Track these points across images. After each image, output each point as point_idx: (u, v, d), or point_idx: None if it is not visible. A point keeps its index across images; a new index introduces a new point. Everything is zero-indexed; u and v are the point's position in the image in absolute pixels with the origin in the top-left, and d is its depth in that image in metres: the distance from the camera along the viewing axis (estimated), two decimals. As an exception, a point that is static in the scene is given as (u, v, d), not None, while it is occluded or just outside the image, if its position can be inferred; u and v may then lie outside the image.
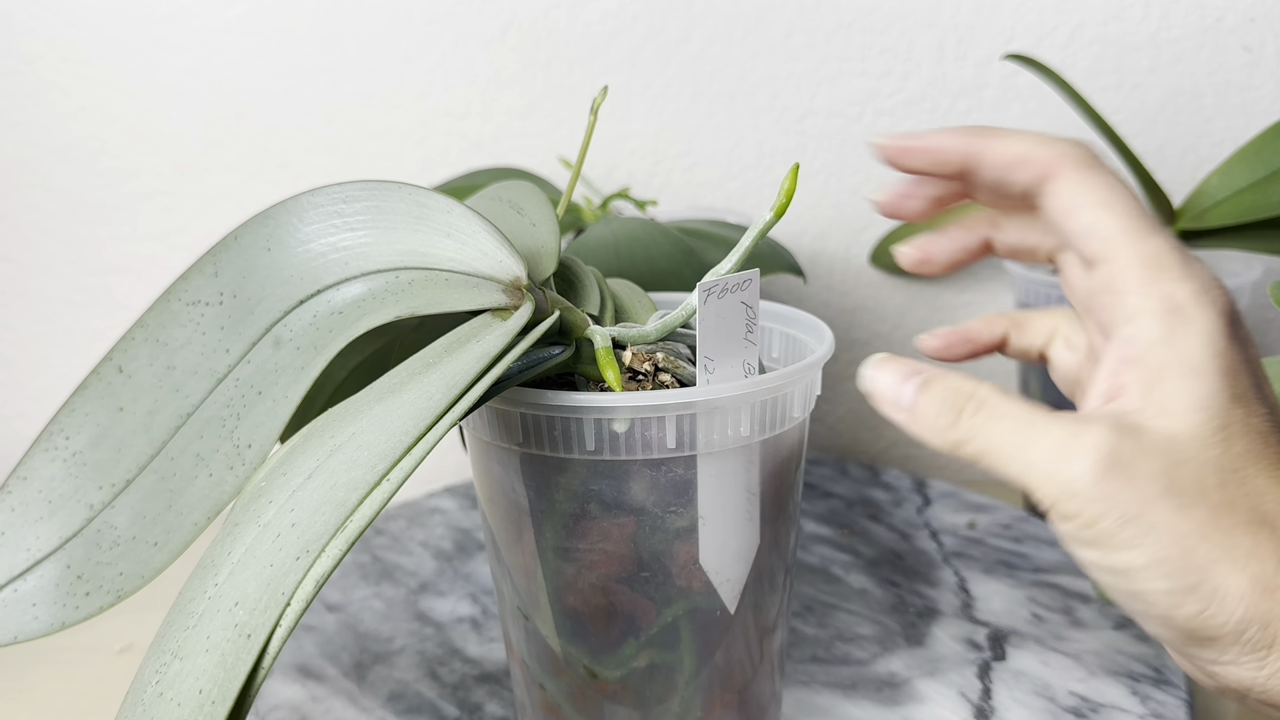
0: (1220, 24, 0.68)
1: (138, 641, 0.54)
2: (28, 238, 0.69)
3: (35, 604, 0.35)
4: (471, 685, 0.49)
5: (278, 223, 0.36)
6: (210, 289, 0.36)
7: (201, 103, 0.67)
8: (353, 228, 0.35)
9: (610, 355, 0.33)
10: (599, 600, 0.35)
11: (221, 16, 0.66)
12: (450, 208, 0.34)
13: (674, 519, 0.34)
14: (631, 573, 0.34)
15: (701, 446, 0.33)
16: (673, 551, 0.34)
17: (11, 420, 0.72)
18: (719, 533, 0.34)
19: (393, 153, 0.69)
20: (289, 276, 0.35)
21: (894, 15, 0.68)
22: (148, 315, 0.36)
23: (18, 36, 0.66)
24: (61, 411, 0.35)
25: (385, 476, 0.29)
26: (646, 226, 0.52)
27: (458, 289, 0.33)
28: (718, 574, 0.35)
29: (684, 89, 0.69)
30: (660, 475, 0.33)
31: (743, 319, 0.33)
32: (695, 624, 0.35)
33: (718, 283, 0.32)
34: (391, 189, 0.35)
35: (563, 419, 0.33)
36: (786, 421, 0.35)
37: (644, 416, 0.32)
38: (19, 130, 0.67)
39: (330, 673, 0.50)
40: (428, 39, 0.67)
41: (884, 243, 0.71)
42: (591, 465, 0.33)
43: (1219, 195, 0.58)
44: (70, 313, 0.71)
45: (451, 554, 0.61)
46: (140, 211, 0.69)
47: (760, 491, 0.35)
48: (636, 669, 0.36)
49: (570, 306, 0.35)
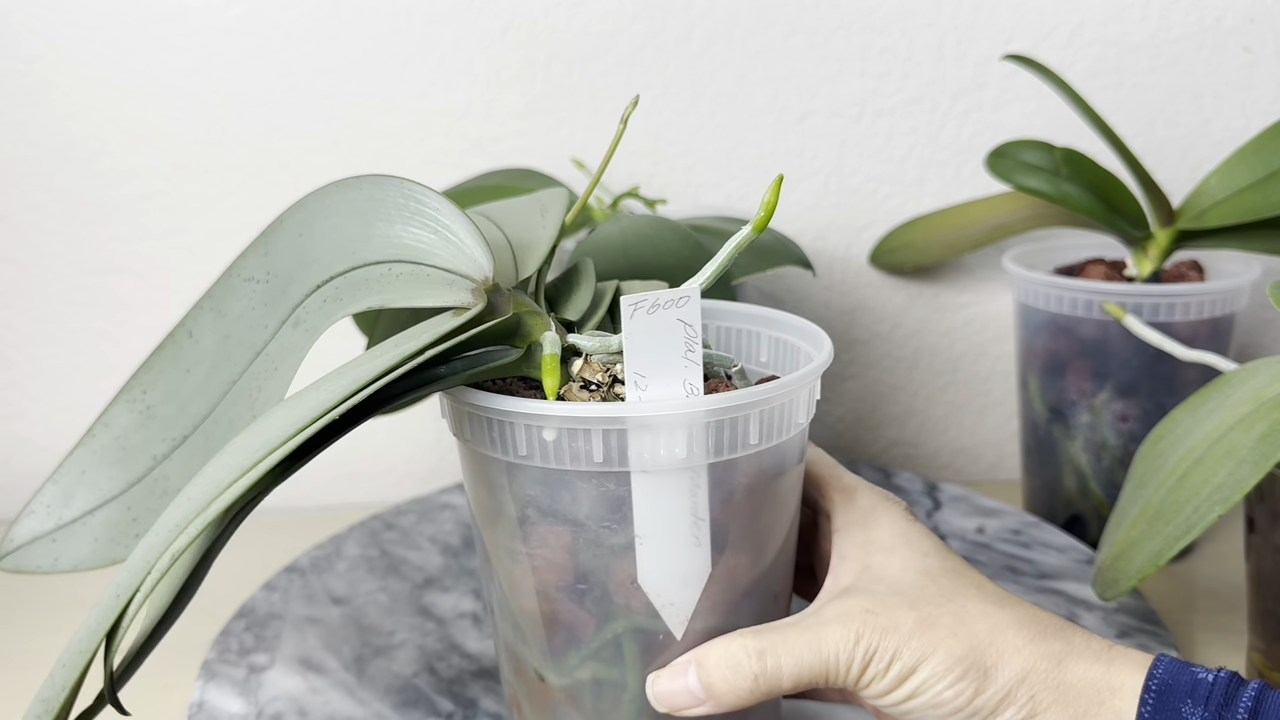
0: (1220, 24, 0.68)
1: (138, 641, 0.54)
2: (28, 238, 0.69)
3: (96, 539, 0.39)
4: (468, 680, 0.49)
5: (308, 210, 0.38)
6: (261, 267, 0.39)
7: (201, 103, 0.67)
8: (359, 219, 0.37)
9: (554, 362, 0.33)
10: (544, 606, 0.35)
11: (221, 16, 0.66)
12: (439, 205, 0.35)
13: (609, 535, 0.33)
14: (570, 583, 0.34)
15: (634, 464, 0.32)
16: (610, 567, 0.33)
17: (11, 420, 0.72)
18: (659, 554, 0.33)
19: (393, 153, 0.69)
20: (311, 261, 0.37)
21: (894, 15, 0.68)
22: (215, 287, 0.40)
23: (18, 36, 0.66)
24: (142, 368, 0.40)
25: (257, 464, 0.30)
26: (655, 224, 0.52)
27: (434, 285, 0.34)
28: (659, 596, 0.34)
29: (684, 89, 0.69)
30: (592, 488, 0.33)
31: (680, 337, 0.32)
32: (638, 644, 0.35)
33: (646, 298, 0.31)
34: (392, 183, 0.36)
35: (498, 421, 0.33)
36: (744, 446, 0.33)
37: (570, 428, 0.32)
38: (19, 130, 0.67)
39: (331, 665, 0.50)
40: (428, 39, 0.67)
41: (884, 243, 0.71)
42: (526, 470, 0.33)
43: (1218, 195, 0.58)
44: (71, 313, 0.71)
45: (459, 549, 0.61)
46: (140, 211, 0.69)
47: (718, 518, 0.33)
48: (581, 680, 0.36)
49: (536, 310, 0.35)
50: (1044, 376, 0.61)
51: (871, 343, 0.75)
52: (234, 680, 0.49)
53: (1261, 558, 0.45)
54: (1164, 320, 0.56)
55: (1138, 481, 0.47)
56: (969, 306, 0.74)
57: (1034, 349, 0.62)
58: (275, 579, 0.59)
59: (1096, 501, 0.61)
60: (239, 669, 0.50)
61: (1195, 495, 0.42)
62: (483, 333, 0.33)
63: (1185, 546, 0.40)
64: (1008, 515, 0.62)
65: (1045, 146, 0.60)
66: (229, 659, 0.51)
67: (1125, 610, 0.51)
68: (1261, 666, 0.46)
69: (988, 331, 0.74)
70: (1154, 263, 0.60)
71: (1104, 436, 0.59)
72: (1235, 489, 0.40)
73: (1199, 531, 0.41)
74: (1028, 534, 0.60)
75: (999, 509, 0.63)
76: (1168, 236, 0.60)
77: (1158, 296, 0.56)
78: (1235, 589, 0.56)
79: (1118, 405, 0.59)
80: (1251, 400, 0.44)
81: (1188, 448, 0.45)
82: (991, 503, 0.64)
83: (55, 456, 0.73)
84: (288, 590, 0.57)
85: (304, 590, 0.57)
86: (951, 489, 0.66)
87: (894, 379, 0.75)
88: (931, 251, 0.68)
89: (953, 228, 0.68)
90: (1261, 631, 0.46)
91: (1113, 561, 0.44)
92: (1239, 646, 0.51)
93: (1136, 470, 0.47)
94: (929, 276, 0.73)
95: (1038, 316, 0.61)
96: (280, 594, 0.57)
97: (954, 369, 0.75)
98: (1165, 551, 0.41)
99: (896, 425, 0.76)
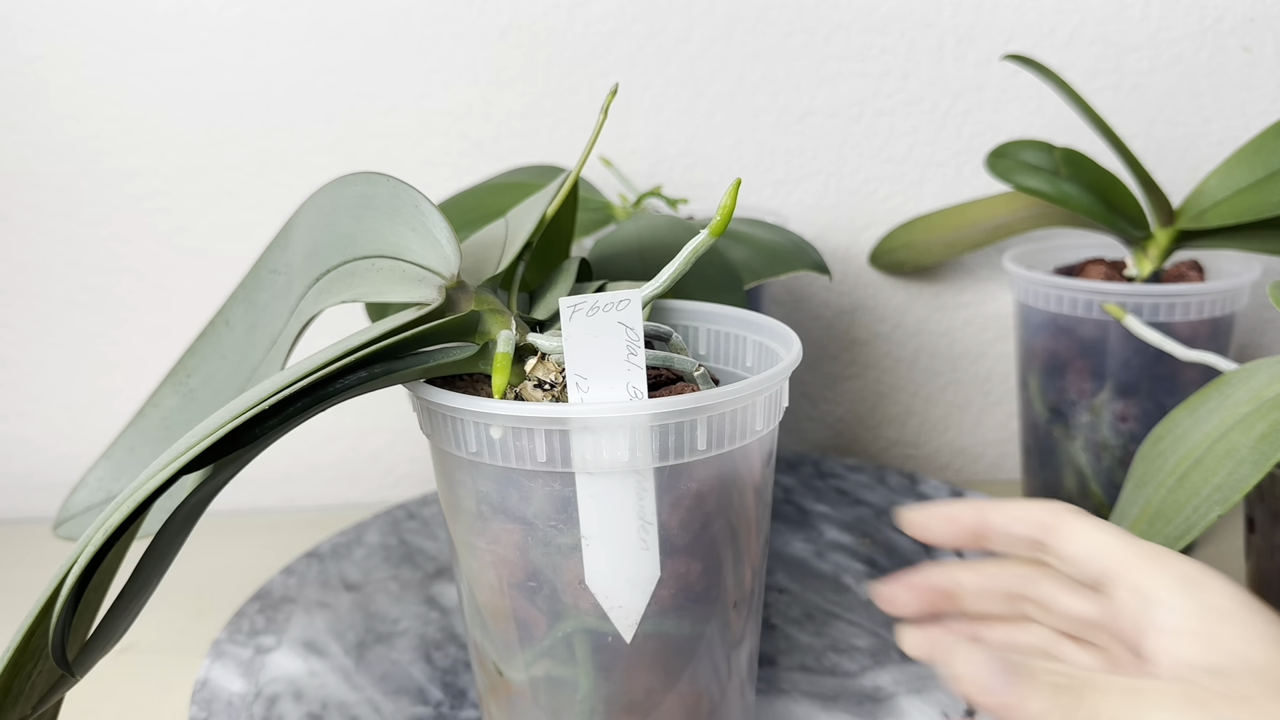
0: (1220, 24, 0.68)
1: (138, 641, 0.54)
2: (28, 238, 0.69)
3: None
4: (461, 670, 0.49)
5: (315, 205, 0.40)
6: (281, 260, 0.40)
7: (201, 103, 0.67)
8: (352, 215, 0.38)
9: (505, 360, 0.33)
10: (499, 602, 0.35)
11: (221, 16, 0.66)
12: (418, 202, 0.36)
13: (557, 534, 0.33)
14: (522, 580, 0.34)
15: (578, 465, 0.32)
16: (559, 566, 0.34)
17: (11, 420, 0.72)
18: (606, 556, 0.33)
19: (393, 153, 0.69)
20: (313, 254, 0.38)
21: (894, 15, 0.68)
22: (247, 277, 0.42)
23: (18, 36, 0.66)
24: (187, 353, 0.42)
25: (181, 455, 0.30)
26: (671, 224, 0.52)
27: (407, 281, 0.35)
28: (607, 598, 0.34)
29: (684, 89, 0.69)
30: (539, 487, 0.33)
31: (622, 340, 0.32)
32: (589, 645, 0.34)
33: (585, 300, 0.31)
34: (381, 180, 0.37)
35: (450, 417, 0.33)
36: (692, 452, 0.33)
37: (514, 426, 0.32)
38: (19, 130, 0.67)
39: (333, 650, 0.52)
40: (428, 39, 0.67)
41: (884, 243, 0.71)
42: (480, 467, 0.34)
43: (1218, 195, 0.58)
44: (71, 313, 0.71)
45: None
46: (140, 211, 0.69)
47: (666, 522, 0.33)
48: (536, 677, 0.36)
49: (499, 308, 0.36)
50: (1044, 376, 0.61)
51: (871, 343, 0.75)
52: (240, 660, 0.51)
53: (1261, 558, 0.45)
54: (1164, 320, 0.56)
55: (1138, 481, 0.47)
56: (969, 306, 0.74)
57: (1034, 349, 0.62)
58: (295, 564, 0.60)
59: (1096, 501, 0.61)
60: (246, 649, 0.52)
61: (1195, 495, 0.42)
62: (438, 329, 0.33)
63: (1185, 546, 0.40)
64: None
65: (1045, 146, 0.60)
66: (239, 640, 0.53)
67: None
68: (1261, 666, 0.46)
69: (988, 331, 0.74)
70: (1154, 263, 0.60)
71: (1104, 436, 0.59)
72: (1235, 489, 0.41)
73: (1199, 531, 0.41)
74: None
75: None
76: (1168, 236, 0.60)
77: (1158, 296, 0.56)
78: (1235, 589, 0.56)
79: (1118, 405, 0.59)
80: (1251, 400, 0.44)
81: (1188, 448, 0.45)
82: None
83: (55, 456, 0.73)
84: (305, 575, 0.59)
85: (320, 575, 0.59)
86: (980, 498, 0.64)
87: (894, 379, 0.75)
88: (931, 251, 0.68)
89: (953, 228, 0.68)
90: (1261, 631, 0.46)
91: (1113, 561, 0.44)
92: (1239, 646, 0.51)
93: (1136, 470, 0.47)
94: (929, 276, 0.73)
95: (1038, 316, 0.61)
96: (297, 578, 0.59)
97: (954, 369, 0.75)
98: (1165, 551, 0.41)
99: (896, 425, 0.76)
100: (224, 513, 0.72)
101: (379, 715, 0.46)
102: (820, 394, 0.76)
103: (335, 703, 0.47)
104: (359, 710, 0.47)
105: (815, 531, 0.61)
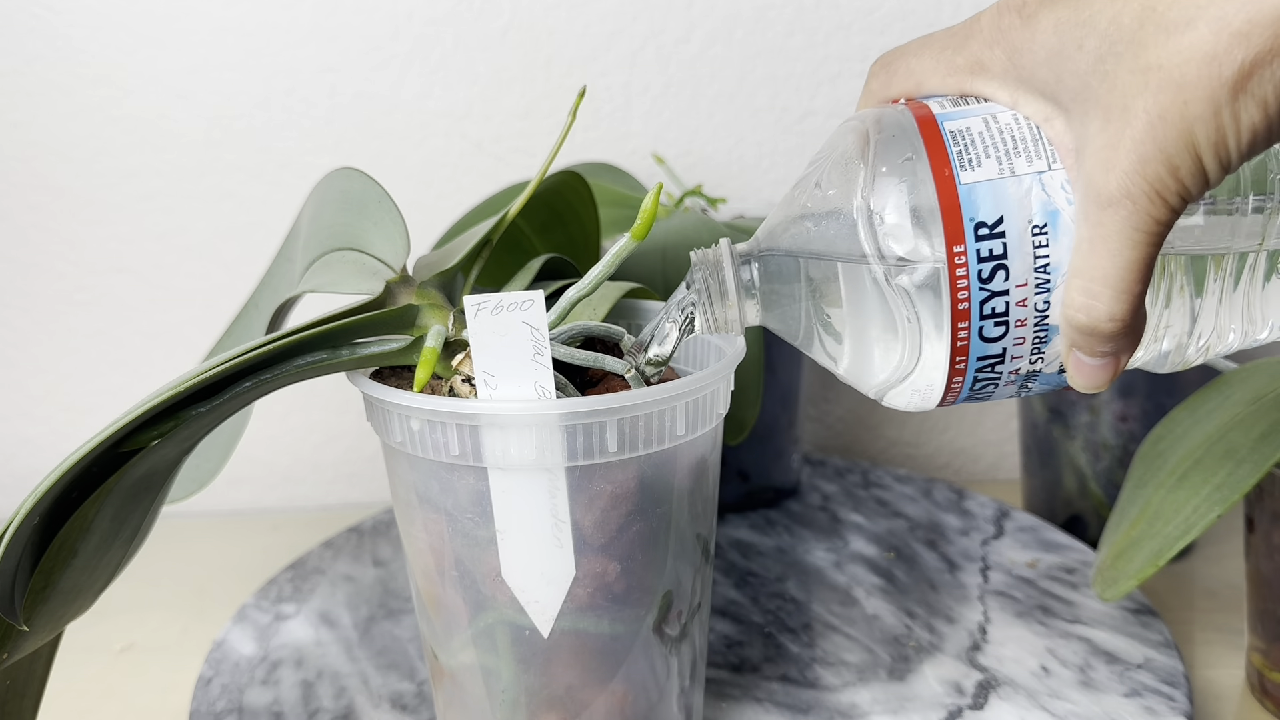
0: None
1: (138, 641, 0.55)
2: (29, 238, 0.69)
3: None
4: None
5: (314, 198, 0.41)
6: (294, 248, 0.42)
7: (201, 103, 0.67)
8: (336, 207, 0.39)
9: (430, 355, 0.34)
10: (432, 589, 0.36)
11: (221, 16, 0.66)
12: (381, 197, 0.37)
13: (474, 527, 0.34)
14: (447, 569, 0.35)
15: (489, 460, 0.33)
16: (478, 558, 0.34)
17: (12, 420, 0.72)
18: (520, 552, 0.34)
19: (393, 153, 0.69)
20: (308, 245, 0.40)
21: (894, 15, 0.68)
22: (272, 265, 0.44)
23: (18, 36, 0.66)
24: (224, 335, 0.44)
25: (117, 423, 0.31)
26: (696, 225, 0.51)
27: (363, 273, 0.36)
28: (523, 593, 0.34)
29: (684, 89, 0.69)
30: (456, 480, 0.34)
31: (527, 339, 0.32)
32: (509, 637, 0.35)
33: (489, 300, 0.32)
34: (356, 175, 0.39)
35: (379, 408, 0.35)
36: (603, 454, 0.33)
37: (429, 420, 0.33)
38: (20, 130, 0.67)
39: (344, 622, 0.53)
40: (428, 39, 0.67)
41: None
42: (407, 457, 0.35)
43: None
44: (71, 312, 0.71)
45: None
46: (140, 211, 0.69)
47: (580, 521, 0.33)
48: (465, 664, 0.37)
49: (439, 304, 0.36)
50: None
51: (871, 343, 0.75)
52: (258, 625, 0.53)
53: (1261, 558, 0.45)
54: (1164, 320, 0.56)
55: (1137, 481, 0.47)
56: (969, 306, 0.74)
57: (1034, 349, 0.62)
58: (335, 537, 0.63)
59: (1096, 501, 0.61)
60: (267, 615, 0.54)
61: (1195, 495, 0.42)
62: (375, 319, 0.35)
63: (1185, 546, 0.40)
64: (1070, 552, 0.58)
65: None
66: (263, 606, 0.55)
67: (1125, 610, 0.51)
68: (1261, 666, 0.46)
69: (987, 331, 0.74)
70: (1154, 263, 0.60)
71: (1103, 436, 0.59)
72: (1235, 489, 0.41)
73: (1199, 531, 0.41)
74: (1082, 574, 0.55)
75: (1065, 544, 0.58)
76: (1167, 236, 0.59)
77: (1157, 296, 0.56)
78: (1235, 589, 0.56)
79: (1117, 405, 0.59)
80: (1251, 400, 0.44)
81: (1188, 448, 0.45)
82: (1060, 537, 0.59)
83: (56, 456, 0.73)
84: (341, 549, 0.61)
85: (355, 550, 0.61)
86: (1024, 518, 0.62)
87: (894, 379, 0.75)
88: (931, 251, 0.68)
89: (953, 228, 0.68)
90: (1261, 631, 0.46)
91: (1113, 561, 0.44)
92: (1239, 646, 0.51)
93: (1136, 470, 0.47)
94: (929, 276, 0.73)
95: (1037, 316, 0.61)
96: (334, 551, 0.61)
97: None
98: (1165, 551, 0.41)
99: (896, 425, 0.76)
100: (224, 513, 0.72)
101: (366, 687, 0.48)
102: (820, 394, 0.76)
103: (330, 672, 0.49)
104: (348, 681, 0.48)
105: (841, 541, 0.60)
